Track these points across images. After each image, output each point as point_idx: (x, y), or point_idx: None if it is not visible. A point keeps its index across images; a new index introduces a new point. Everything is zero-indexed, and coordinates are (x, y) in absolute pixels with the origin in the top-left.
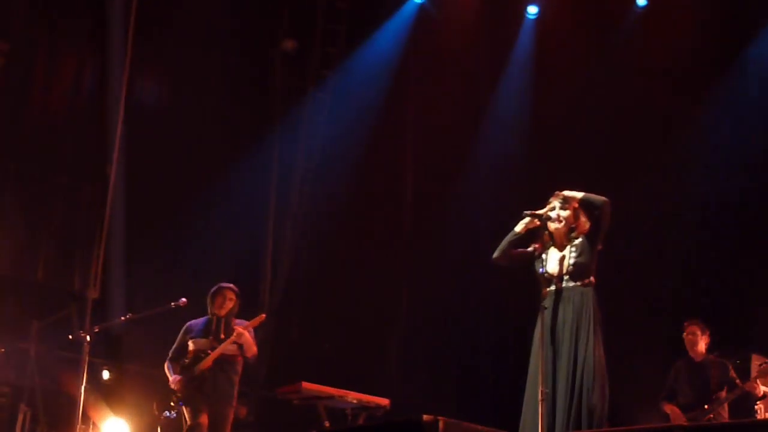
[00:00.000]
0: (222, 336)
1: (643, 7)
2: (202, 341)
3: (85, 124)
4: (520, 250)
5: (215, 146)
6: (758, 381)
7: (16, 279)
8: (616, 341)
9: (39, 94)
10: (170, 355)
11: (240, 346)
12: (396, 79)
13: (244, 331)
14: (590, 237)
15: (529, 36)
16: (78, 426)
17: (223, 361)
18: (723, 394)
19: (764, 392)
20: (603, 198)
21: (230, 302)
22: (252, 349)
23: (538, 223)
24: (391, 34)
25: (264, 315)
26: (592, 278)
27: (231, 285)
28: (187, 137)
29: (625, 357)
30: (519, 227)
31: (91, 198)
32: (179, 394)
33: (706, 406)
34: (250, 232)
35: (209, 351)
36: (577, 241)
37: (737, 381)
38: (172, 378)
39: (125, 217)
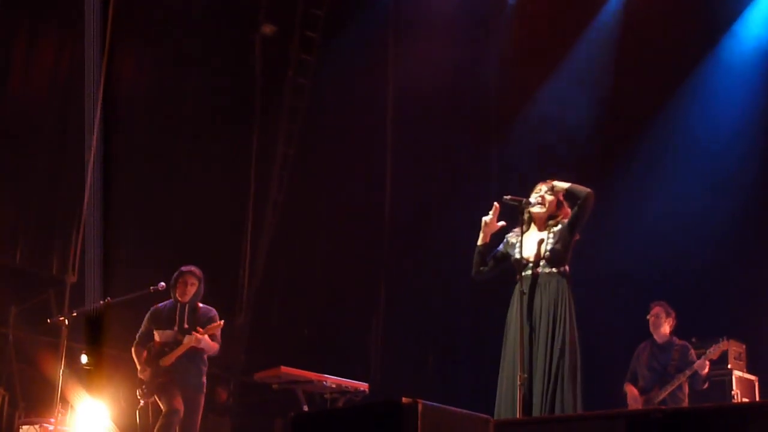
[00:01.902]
0: (186, 326)
1: None
2: (167, 333)
3: (63, 109)
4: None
5: (194, 131)
6: (707, 361)
7: None
8: (591, 328)
9: (18, 78)
10: (137, 339)
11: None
12: (376, 63)
13: (202, 337)
14: (569, 225)
15: (508, 24)
16: (56, 409)
17: (190, 353)
18: (680, 376)
19: (710, 370)
20: (587, 189)
21: (192, 287)
22: (212, 350)
23: (497, 225)
24: (371, 18)
25: (222, 322)
26: (566, 266)
27: (192, 269)
28: (166, 122)
29: (599, 343)
30: (480, 239)
31: (69, 182)
32: (145, 387)
33: (659, 387)
34: (230, 217)
35: (173, 346)
36: (555, 228)
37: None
38: (140, 368)
39: (103, 202)
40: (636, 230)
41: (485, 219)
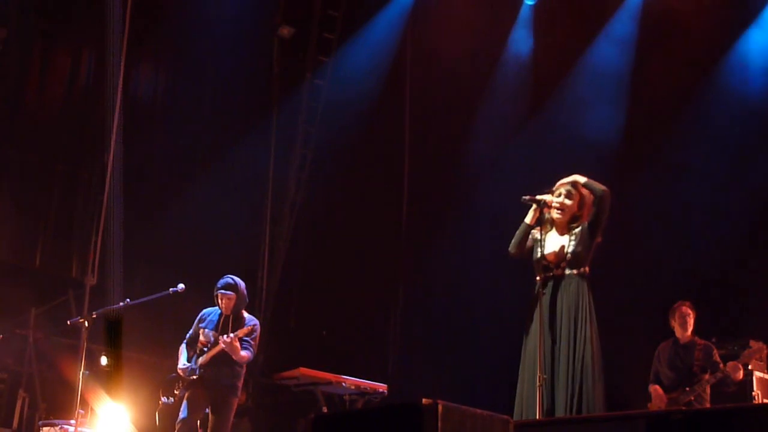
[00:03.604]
0: (230, 333)
1: None
2: (209, 334)
3: (82, 111)
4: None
5: (212, 133)
6: (741, 365)
7: (14, 266)
8: (611, 328)
9: (36, 81)
10: (186, 339)
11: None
12: (393, 64)
13: (231, 342)
14: (590, 227)
15: (526, 24)
16: (76, 411)
17: (226, 356)
18: (706, 376)
19: (744, 376)
20: (603, 187)
21: (229, 301)
22: (240, 356)
23: (538, 210)
24: (388, 19)
25: (248, 328)
26: (587, 268)
27: (229, 284)
28: (184, 124)
29: (620, 343)
30: (528, 218)
31: (89, 185)
32: (182, 383)
33: (687, 388)
34: (248, 217)
35: (212, 346)
36: (577, 230)
37: (720, 365)
38: (180, 364)
39: (123, 204)
40: (654, 229)
41: (543, 198)
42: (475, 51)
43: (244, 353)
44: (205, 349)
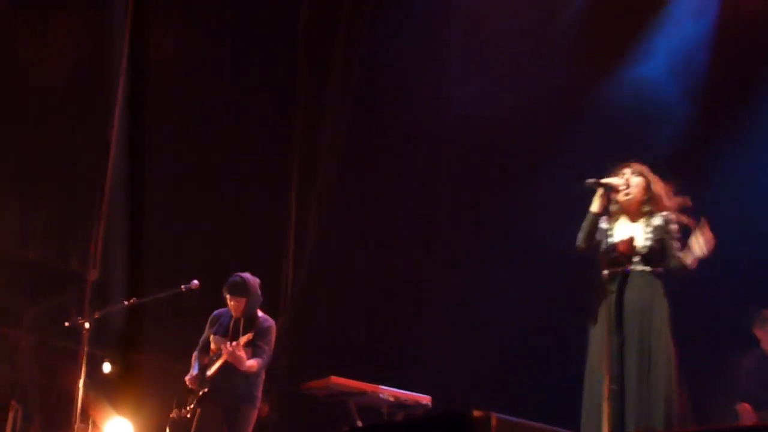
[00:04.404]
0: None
1: None
2: (221, 341)
3: (83, 85)
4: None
5: (231, 109)
6: None
7: (4, 259)
8: (688, 336)
9: (31, 51)
10: (199, 345)
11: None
12: (434, 38)
13: (234, 351)
14: (675, 237)
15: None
16: (76, 425)
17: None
18: None
19: None
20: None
21: (239, 304)
22: (245, 366)
23: (605, 195)
24: None
25: (249, 335)
26: (661, 267)
27: (236, 286)
28: (199, 100)
29: (699, 354)
30: (594, 206)
31: (89, 166)
32: (193, 397)
33: None
34: (271, 205)
35: (221, 356)
36: (655, 222)
37: None
38: (190, 375)
39: (129, 188)
40: (734, 222)
41: (610, 181)
42: (524, 28)
43: (252, 362)
44: (215, 358)
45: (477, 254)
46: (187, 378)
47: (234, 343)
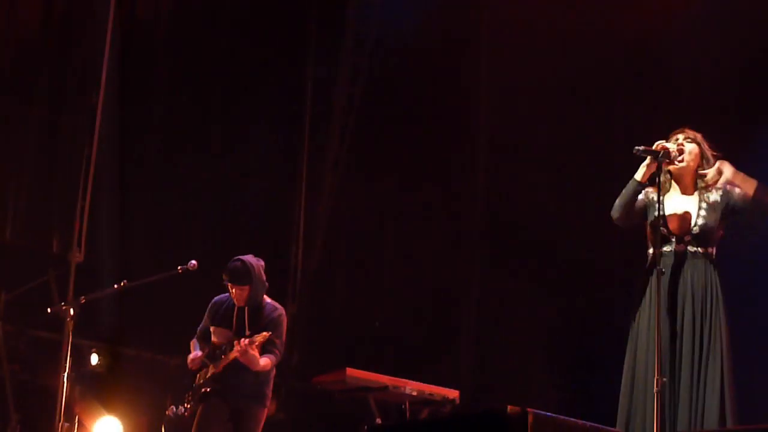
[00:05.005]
0: (247, 331)
1: None
2: (224, 333)
3: (65, 44)
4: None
5: (232, 68)
6: None
7: None
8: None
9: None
10: (197, 333)
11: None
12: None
13: (247, 351)
14: (733, 209)
15: None
16: (60, 424)
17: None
18: None
19: None
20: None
21: (242, 292)
22: (258, 366)
23: (655, 163)
24: None
25: (267, 334)
26: (714, 248)
27: (237, 273)
28: (195, 59)
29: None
30: (639, 174)
31: (73, 135)
32: (192, 393)
33: None
34: (278, 176)
35: (228, 349)
36: (711, 196)
37: None
38: (192, 354)
39: (118, 159)
40: None
41: (663, 144)
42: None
43: (265, 359)
44: (219, 352)
45: (506, 244)
46: (189, 358)
47: (245, 341)
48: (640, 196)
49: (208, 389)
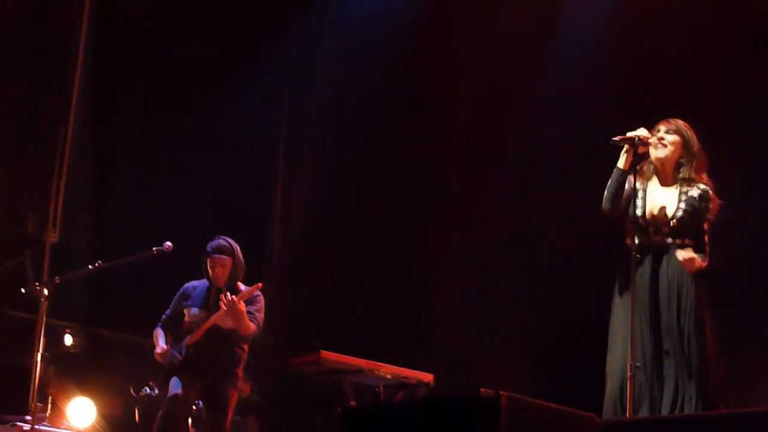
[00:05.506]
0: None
1: None
2: (198, 313)
3: (42, 20)
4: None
5: (211, 47)
6: None
7: None
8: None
9: None
10: (162, 320)
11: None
12: None
13: (237, 302)
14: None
15: None
16: (33, 405)
17: (222, 334)
18: None
19: None
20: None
21: (224, 269)
22: (247, 325)
23: (632, 150)
24: None
25: (260, 284)
26: (692, 240)
27: (223, 246)
28: (175, 37)
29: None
30: (621, 161)
31: (48, 113)
32: (160, 375)
33: None
34: (256, 155)
35: (201, 325)
36: (690, 191)
37: None
38: (159, 348)
39: (93, 139)
40: None
41: (638, 133)
42: None
43: (249, 322)
44: (194, 328)
45: (486, 224)
46: (157, 352)
47: (232, 296)
48: (627, 185)
49: (183, 362)
